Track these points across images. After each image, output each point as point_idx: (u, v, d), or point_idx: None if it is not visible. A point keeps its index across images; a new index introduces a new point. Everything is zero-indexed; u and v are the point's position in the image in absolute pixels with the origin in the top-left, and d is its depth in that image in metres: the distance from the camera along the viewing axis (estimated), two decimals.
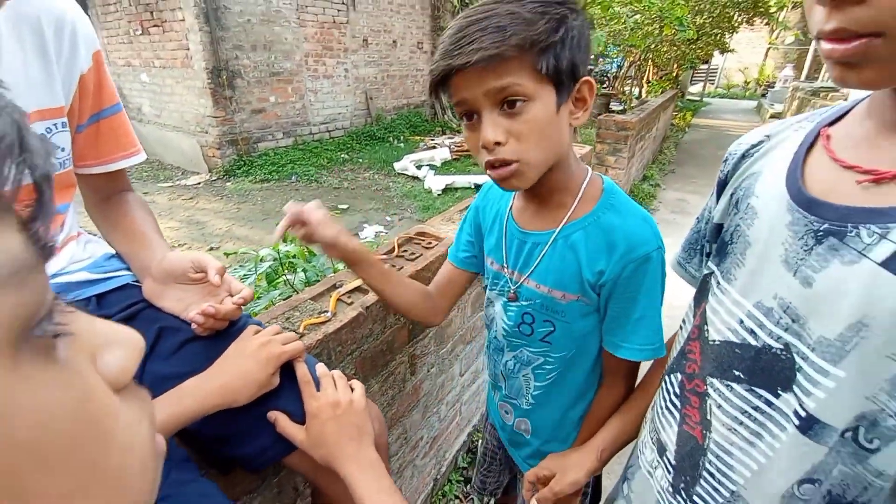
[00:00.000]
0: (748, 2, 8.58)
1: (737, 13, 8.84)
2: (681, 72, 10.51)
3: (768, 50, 16.76)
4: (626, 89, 8.59)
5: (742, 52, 17.08)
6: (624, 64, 8.55)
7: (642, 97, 7.20)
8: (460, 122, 0.62)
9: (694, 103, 13.41)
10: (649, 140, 5.40)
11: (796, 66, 14.48)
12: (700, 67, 14.20)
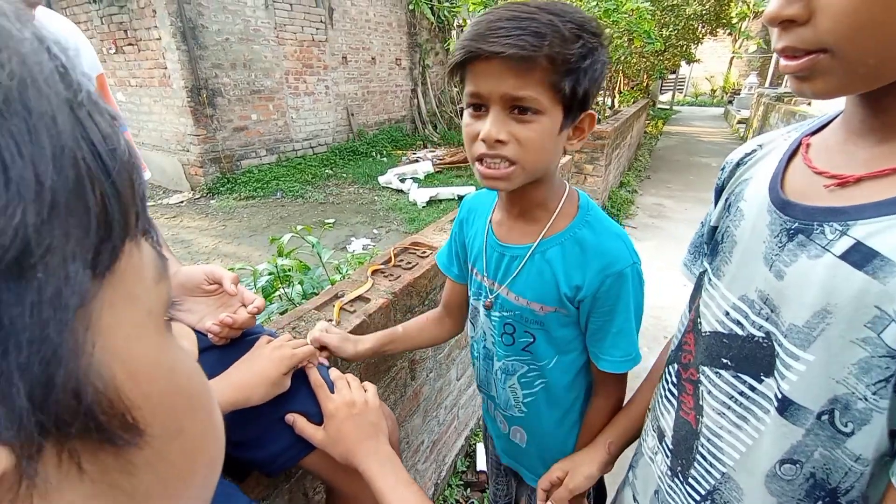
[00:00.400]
0: (711, 14, 9.01)
1: (701, 25, 9.27)
2: (651, 82, 10.88)
3: (732, 59, 17.49)
4: (600, 100, 8.85)
5: (707, 61, 17.84)
6: None
7: (615, 107, 7.44)
8: (462, 111, 0.63)
9: (665, 111, 13.84)
10: (625, 148, 5.58)
11: (760, 73, 15.10)
12: (669, 77, 14.65)
